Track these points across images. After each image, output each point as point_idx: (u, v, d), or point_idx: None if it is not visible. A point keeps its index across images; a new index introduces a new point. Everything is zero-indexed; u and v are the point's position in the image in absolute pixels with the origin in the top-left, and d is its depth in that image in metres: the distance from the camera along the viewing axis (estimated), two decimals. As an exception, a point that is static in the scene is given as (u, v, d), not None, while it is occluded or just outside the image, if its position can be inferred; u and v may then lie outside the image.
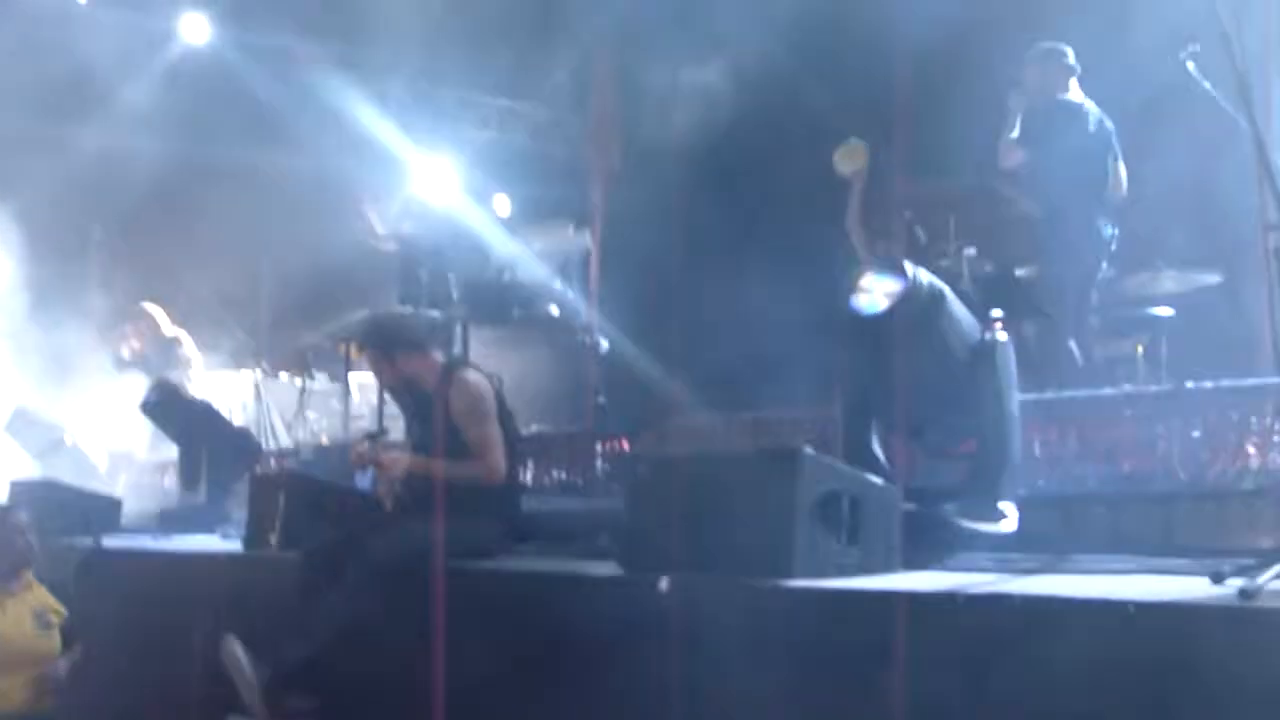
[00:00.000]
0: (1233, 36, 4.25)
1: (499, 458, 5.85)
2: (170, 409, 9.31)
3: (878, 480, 4.98)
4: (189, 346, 10.61)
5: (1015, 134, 7.42)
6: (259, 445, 9.43)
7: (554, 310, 9.65)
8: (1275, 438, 5.36)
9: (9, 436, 10.37)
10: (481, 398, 5.90)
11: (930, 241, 7.48)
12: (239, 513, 7.77)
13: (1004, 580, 4.51)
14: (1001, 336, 5.32)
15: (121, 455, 10.61)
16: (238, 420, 10.23)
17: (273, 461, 9.54)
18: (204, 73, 12.32)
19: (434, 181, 12.39)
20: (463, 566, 5.53)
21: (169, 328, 10.62)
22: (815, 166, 7.71)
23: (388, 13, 12.25)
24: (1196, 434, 5.70)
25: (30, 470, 9.78)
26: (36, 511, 7.12)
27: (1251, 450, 5.58)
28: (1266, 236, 4.11)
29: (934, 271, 5.63)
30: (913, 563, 4.92)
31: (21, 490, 8.58)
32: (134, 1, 11.94)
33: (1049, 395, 6.25)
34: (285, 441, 10.57)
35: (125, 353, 10.71)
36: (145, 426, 9.85)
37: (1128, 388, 6.34)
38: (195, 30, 12.36)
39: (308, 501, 6.55)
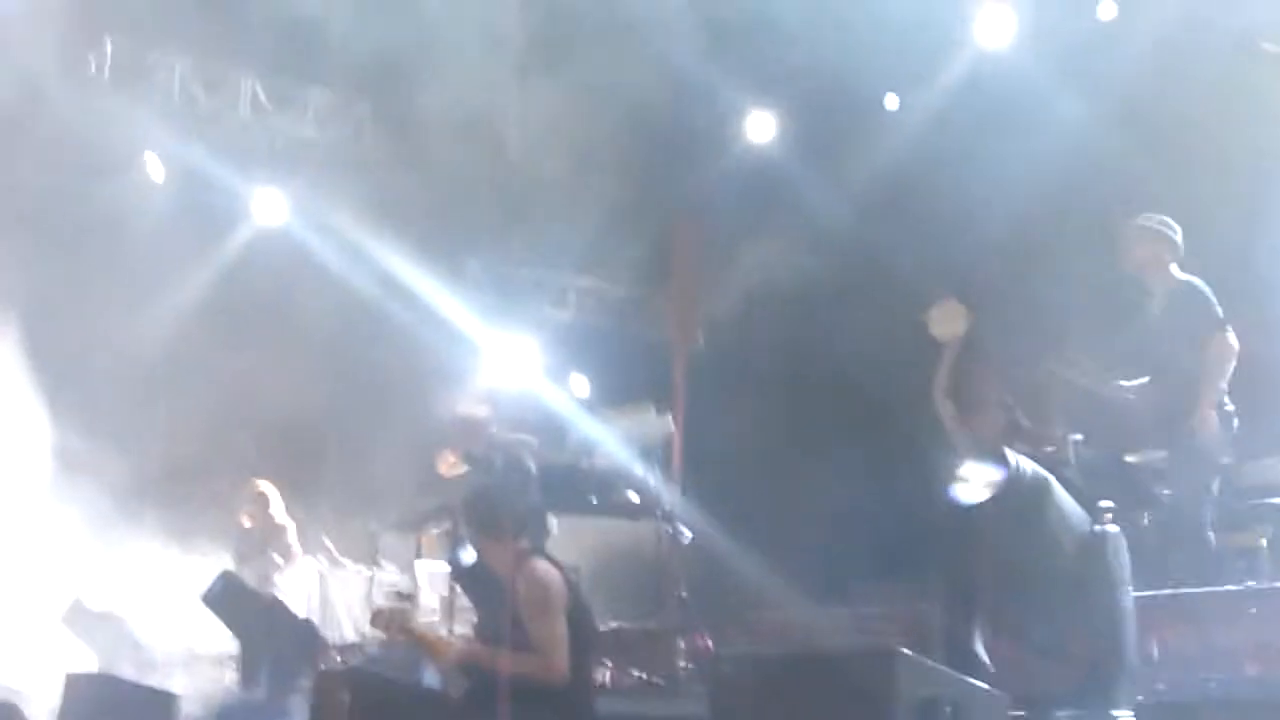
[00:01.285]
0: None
1: (561, 656, 5.80)
2: (233, 600, 9.34)
3: (982, 685, 4.87)
4: (294, 536, 10.67)
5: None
6: (323, 639, 9.41)
7: (634, 497, 9.65)
8: None
9: (67, 629, 10.45)
10: (549, 589, 5.88)
11: (1034, 426, 7.43)
12: (301, 711, 7.73)
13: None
14: (1112, 529, 5.24)
15: (183, 648, 10.64)
16: (301, 612, 10.23)
17: (337, 657, 9.52)
18: (279, 251, 12.69)
19: (512, 363, 12.60)
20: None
21: (280, 513, 10.69)
22: (905, 343, 7.74)
23: (464, 192, 12.62)
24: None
25: (89, 663, 9.81)
26: (91, 708, 7.13)
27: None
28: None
29: (1038, 459, 5.60)
30: (1023, 774, 4.79)
31: (76, 685, 8.60)
32: (208, 181, 12.39)
33: (1166, 592, 6.11)
34: (351, 635, 10.55)
35: (233, 532, 10.80)
36: (208, 617, 9.89)
37: (1251, 583, 6.18)
38: (272, 208, 12.77)
39: (374, 700, 6.51)
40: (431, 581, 10.43)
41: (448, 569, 9.11)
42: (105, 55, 12.16)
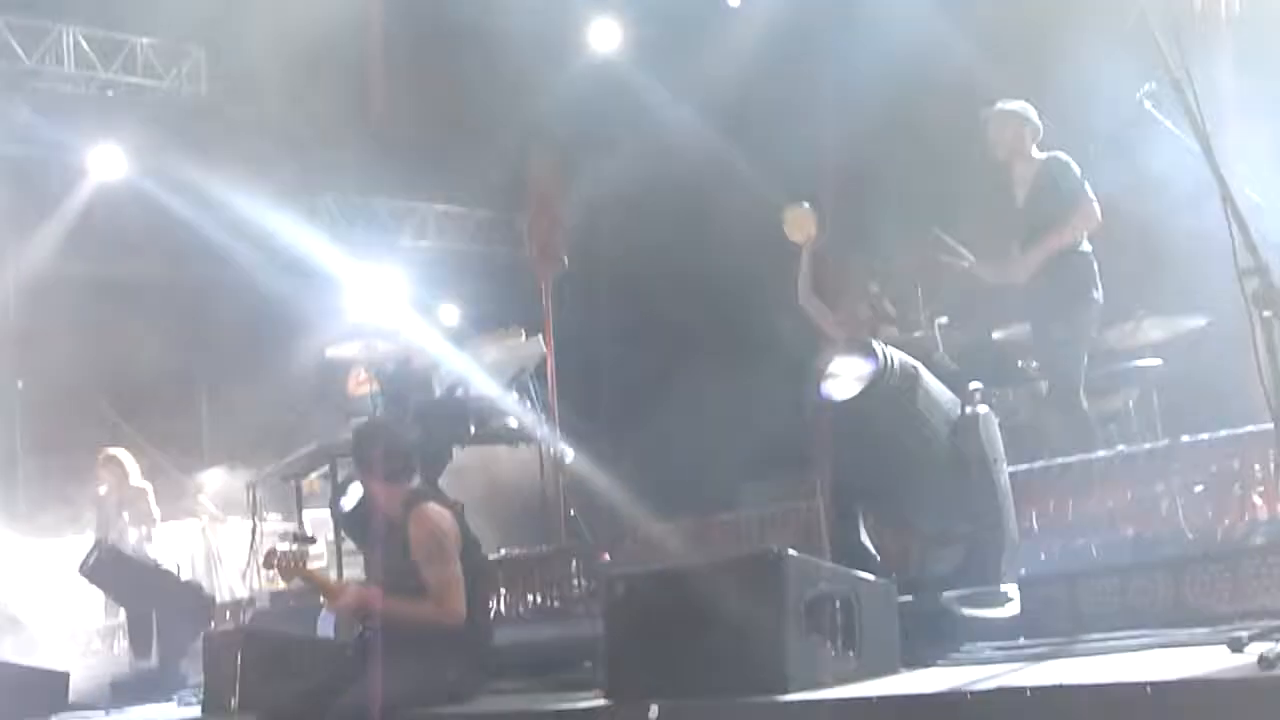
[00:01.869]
0: (1186, 81, 4.31)
1: (458, 600, 5.75)
2: (112, 570, 9.19)
3: (870, 576, 4.95)
4: (153, 499, 10.47)
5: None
6: (211, 599, 9.30)
7: (512, 422, 9.62)
8: (1281, 485, 5.36)
9: None
10: (442, 533, 5.82)
11: (900, 314, 7.52)
12: (196, 676, 7.65)
13: (1012, 671, 4.48)
14: (982, 409, 5.32)
15: (68, 623, 10.47)
16: (185, 574, 10.09)
17: (227, 616, 9.42)
18: (123, 205, 12.36)
19: (376, 297, 12.43)
20: (437, 714, 5.45)
21: (136, 478, 10.46)
22: (765, 249, 7.76)
23: (311, 128, 12.36)
24: (1199, 489, 5.70)
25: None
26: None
27: (1258, 501, 5.59)
28: (1241, 282, 4.13)
29: (906, 346, 5.65)
30: (914, 660, 4.88)
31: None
32: (43, 138, 11.99)
33: (1040, 465, 6.24)
34: (241, 591, 10.44)
35: (91, 502, 10.57)
36: (89, 589, 9.73)
37: (1122, 448, 6.34)
38: (110, 163, 12.41)
39: (267, 658, 6.45)
40: (316, 528, 10.33)
41: (331, 514, 9.03)
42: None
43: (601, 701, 4.94)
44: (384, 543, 5.98)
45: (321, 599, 6.62)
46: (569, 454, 9.58)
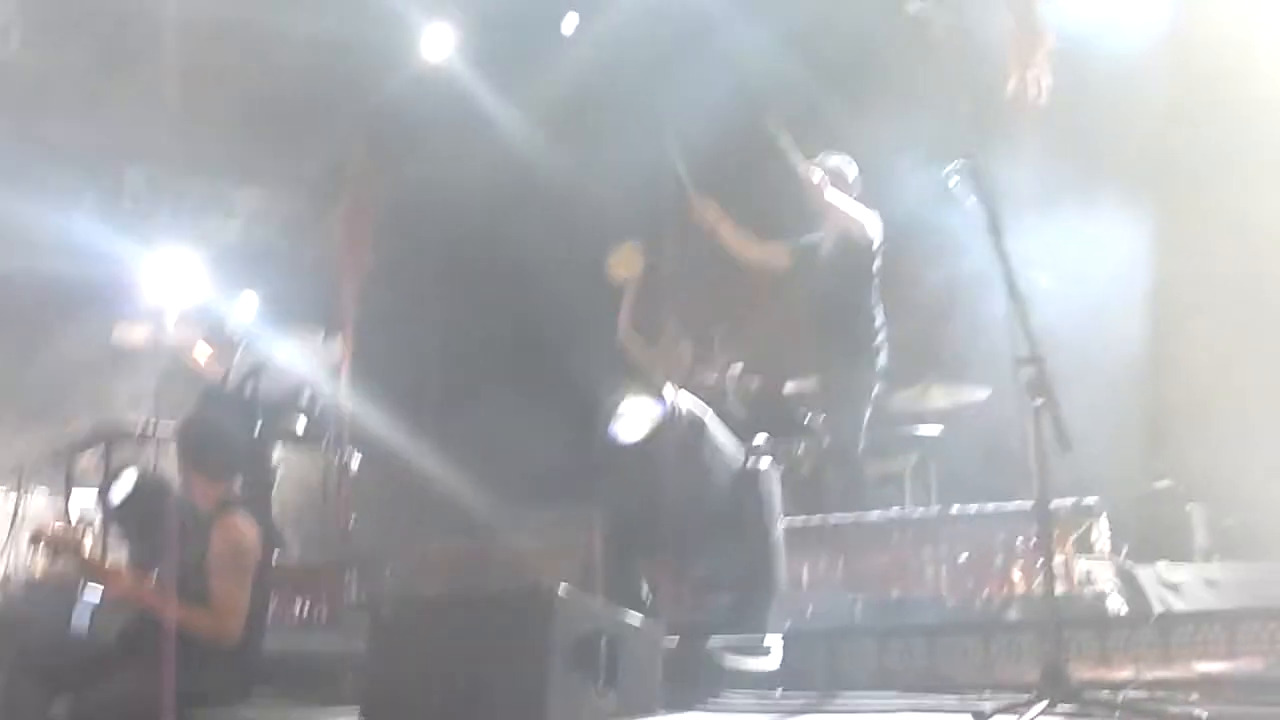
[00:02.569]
0: (982, 165, 4.51)
1: (236, 621, 5.60)
2: None
3: (637, 617, 5.02)
4: None
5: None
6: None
7: (300, 424, 9.47)
8: (1038, 563, 5.59)
9: None
10: (244, 550, 5.67)
11: (697, 357, 7.64)
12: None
13: (767, 722, 4.60)
14: (764, 462, 5.45)
15: None
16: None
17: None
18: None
19: (177, 280, 12.11)
20: (189, 717, 5.35)
21: None
22: (584, 275, 7.81)
23: (122, 100, 12.02)
24: (964, 558, 5.93)
25: None
26: None
27: (1017, 576, 5.84)
28: (1018, 371, 4.33)
29: (699, 391, 5.77)
30: (675, 704, 4.97)
31: None
32: None
33: (816, 520, 6.41)
34: (-4, 571, 10.06)
35: None
36: None
37: (895, 511, 6.55)
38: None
39: (15, 647, 6.21)
40: (83, 509, 10.03)
41: (99, 497, 8.76)
42: None
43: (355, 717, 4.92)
44: (179, 536, 5.80)
45: (88, 582, 6.39)
46: (355, 461, 9.47)
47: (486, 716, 4.50)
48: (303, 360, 9.72)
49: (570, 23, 11.21)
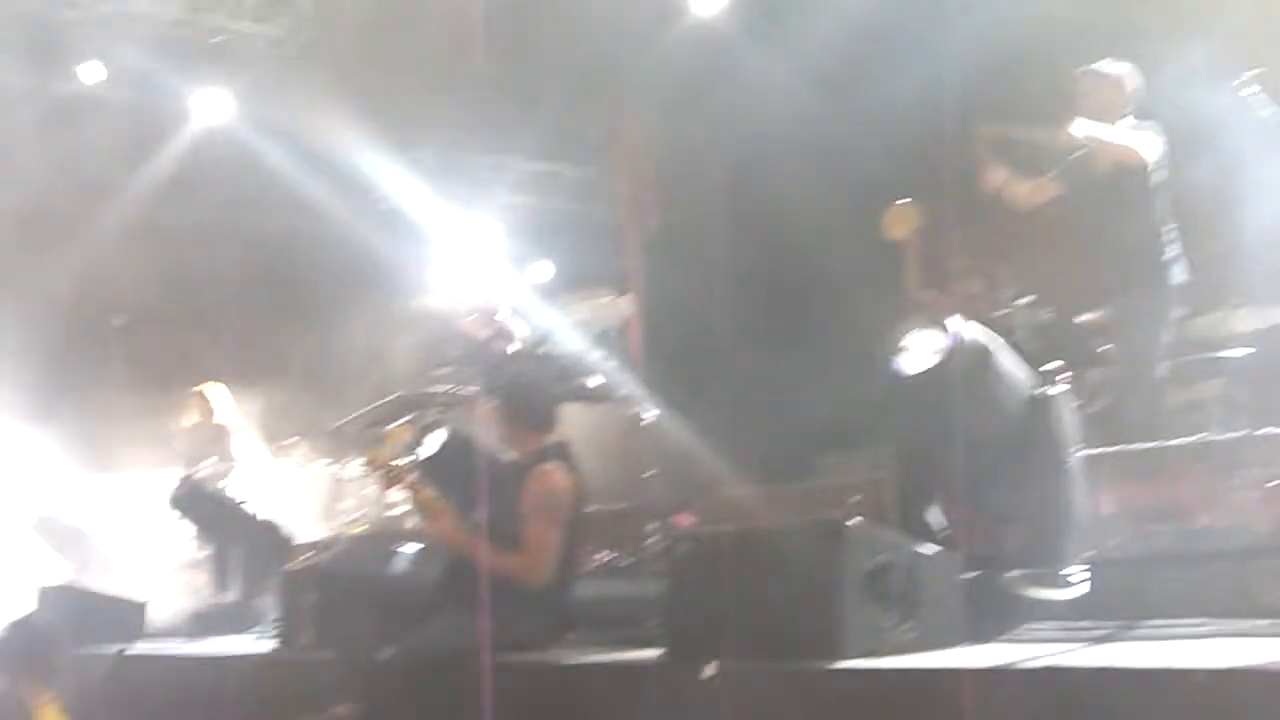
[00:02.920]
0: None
1: (547, 565, 5.88)
2: (198, 504, 9.46)
3: (933, 549, 5.01)
4: (239, 440, 10.72)
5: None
6: (290, 538, 9.53)
7: (595, 381, 9.73)
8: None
9: (37, 538, 10.56)
10: (558, 498, 5.95)
11: (984, 291, 7.51)
12: (274, 612, 7.87)
13: (1071, 651, 4.52)
14: (1057, 390, 5.34)
15: (152, 554, 10.77)
16: (269, 512, 10.34)
17: (305, 555, 9.65)
18: (224, 150, 12.61)
19: (473, 252, 12.58)
20: (507, 661, 5.59)
21: (224, 414, 10.74)
22: (862, 224, 7.76)
23: (414, 81, 12.50)
24: (1274, 483, 5.69)
25: (57, 574, 9.94)
26: (61, 618, 7.25)
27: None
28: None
29: (987, 324, 5.68)
30: (976, 635, 4.93)
31: (47, 597, 8.75)
32: (149, 82, 12.23)
33: (1116, 449, 6.24)
34: (321, 534, 10.68)
35: (175, 437, 10.87)
36: (176, 523, 10.01)
37: (1200, 437, 6.31)
38: (214, 107, 12.64)
39: (341, 597, 6.62)
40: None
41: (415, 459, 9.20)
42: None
43: (662, 659, 5.06)
44: (492, 485, 6.07)
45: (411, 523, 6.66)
46: (649, 416, 9.66)
47: (784, 650, 4.56)
48: (595, 319, 9.99)
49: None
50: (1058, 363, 5.73)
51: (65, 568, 10.24)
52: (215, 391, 10.80)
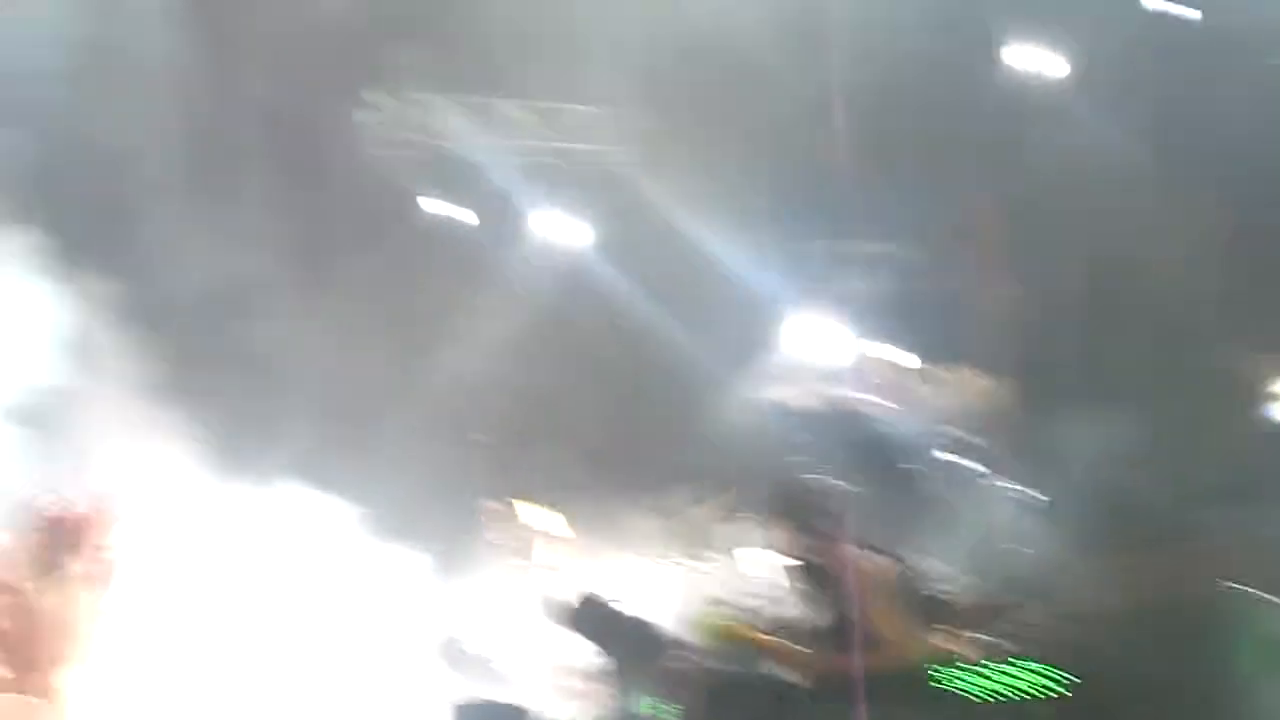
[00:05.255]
0: None
1: (907, 644, 5.79)
2: (591, 618, 9.57)
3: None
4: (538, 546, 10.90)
5: None
6: (671, 640, 9.57)
7: (976, 466, 9.52)
8: None
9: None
10: (879, 581, 5.88)
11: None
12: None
13: None
14: None
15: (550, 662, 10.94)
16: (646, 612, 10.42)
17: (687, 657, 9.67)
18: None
19: (823, 337, 12.58)
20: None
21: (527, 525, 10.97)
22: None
23: (754, 178, 12.68)
24: None
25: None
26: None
27: None
28: None
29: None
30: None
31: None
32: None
33: None
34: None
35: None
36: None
37: None
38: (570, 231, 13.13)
39: (737, 700, 6.61)
40: (752, 568, 10.48)
41: (768, 556, 9.19)
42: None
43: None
44: (824, 593, 6.08)
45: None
46: (1032, 496, 9.35)
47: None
48: (951, 396, 9.81)
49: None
50: None
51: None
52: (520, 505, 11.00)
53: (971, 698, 6.30)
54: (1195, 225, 9.30)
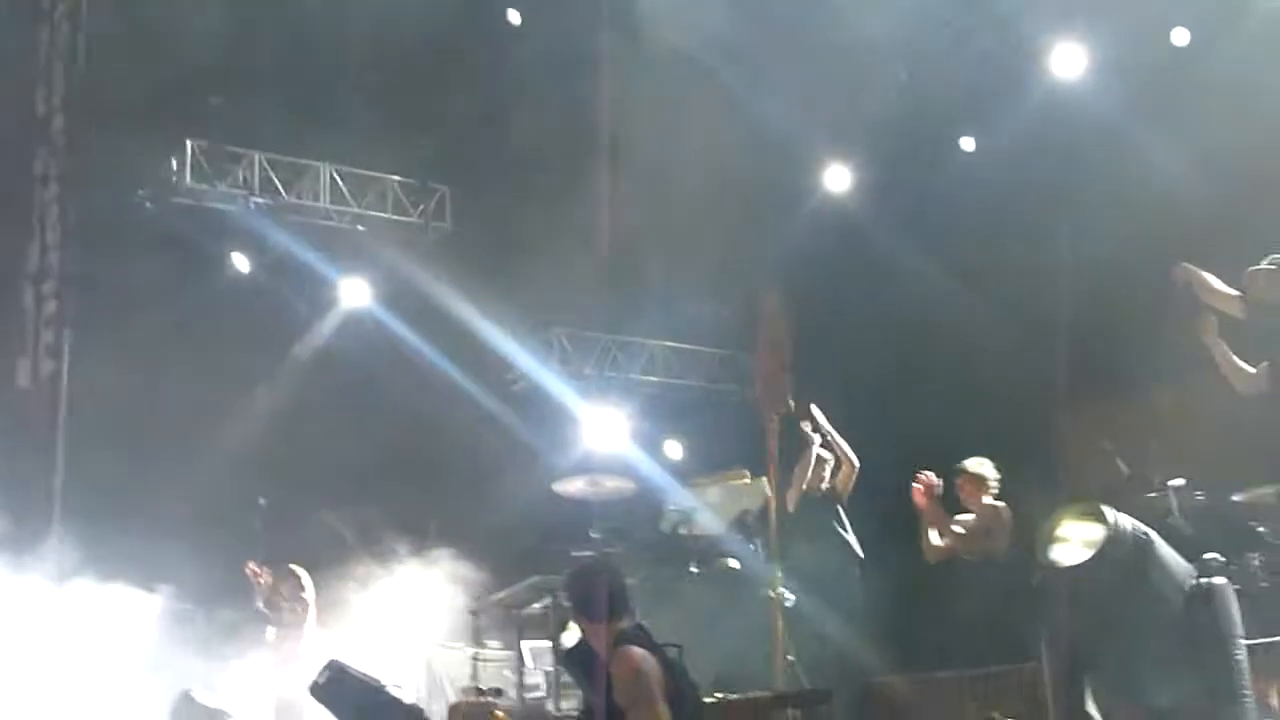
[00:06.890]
0: None
1: None
2: (341, 690, 9.46)
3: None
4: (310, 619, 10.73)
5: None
6: (429, 722, 9.49)
7: (733, 564, 9.68)
8: None
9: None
10: (643, 675, 5.89)
11: (1132, 473, 7.40)
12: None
13: None
14: (1218, 580, 5.24)
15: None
16: (409, 694, 10.32)
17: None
18: (365, 332, 13.01)
19: (605, 431, 12.70)
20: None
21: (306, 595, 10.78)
22: (992, 400, 7.73)
23: (544, 263, 12.83)
24: None
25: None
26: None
27: None
28: None
29: (1139, 508, 5.61)
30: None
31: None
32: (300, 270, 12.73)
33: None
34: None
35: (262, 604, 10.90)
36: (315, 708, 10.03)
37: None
38: (356, 295, 13.09)
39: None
40: (536, 658, 10.51)
41: (552, 647, 9.20)
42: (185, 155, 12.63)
43: None
44: (595, 681, 6.09)
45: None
46: (790, 599, 9.56)
47: None
48: (732, 502, 9.99)
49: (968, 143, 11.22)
50: (1214, 553, 5.61)
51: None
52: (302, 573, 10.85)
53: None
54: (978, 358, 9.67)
